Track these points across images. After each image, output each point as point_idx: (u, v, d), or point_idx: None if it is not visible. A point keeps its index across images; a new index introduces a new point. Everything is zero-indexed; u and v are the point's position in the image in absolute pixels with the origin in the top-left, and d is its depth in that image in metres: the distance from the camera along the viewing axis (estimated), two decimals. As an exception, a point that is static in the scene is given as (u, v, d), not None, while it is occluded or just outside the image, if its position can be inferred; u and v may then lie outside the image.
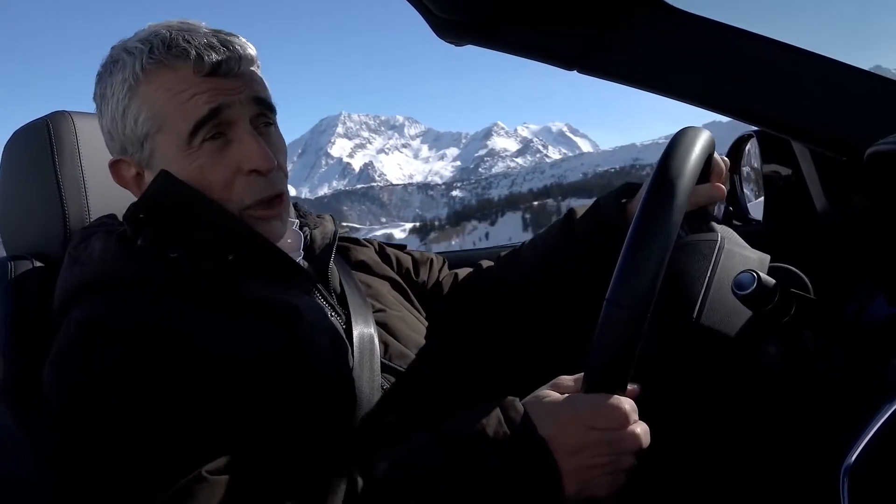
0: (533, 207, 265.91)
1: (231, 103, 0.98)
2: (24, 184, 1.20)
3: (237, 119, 0.99)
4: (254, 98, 1.01)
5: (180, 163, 0.99)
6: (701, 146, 0.92)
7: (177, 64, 0.97)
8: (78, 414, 0.84)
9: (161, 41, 0.98)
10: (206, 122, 0.97)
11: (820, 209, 1.41)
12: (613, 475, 0.83)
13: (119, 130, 1.02)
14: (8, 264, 1.11)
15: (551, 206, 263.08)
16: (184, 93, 0.97)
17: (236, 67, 0.99)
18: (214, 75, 0.98)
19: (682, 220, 0.84)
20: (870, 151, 1.04)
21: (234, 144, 0.99)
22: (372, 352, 1.06)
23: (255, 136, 1.00)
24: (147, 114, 0.99)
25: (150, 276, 0.95)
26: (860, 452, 0.66)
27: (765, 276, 0.87)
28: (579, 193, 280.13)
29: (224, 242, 0.99)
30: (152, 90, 0.98)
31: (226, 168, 0.99)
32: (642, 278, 0.79)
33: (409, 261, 1.40)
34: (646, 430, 0.84)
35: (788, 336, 0.92)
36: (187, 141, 0.98)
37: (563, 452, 0.81)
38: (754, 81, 1.18)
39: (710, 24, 1.17)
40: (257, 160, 0.99)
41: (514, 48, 1.23)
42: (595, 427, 0.82)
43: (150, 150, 1.01)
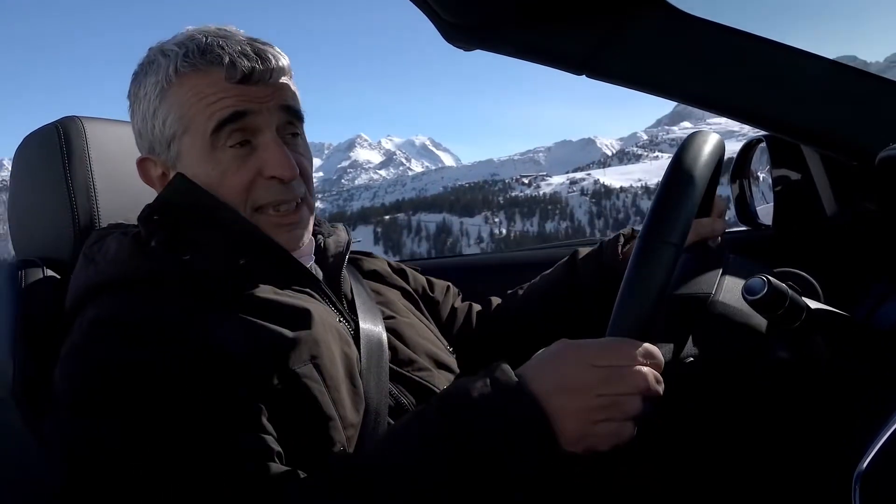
0: (385, 221, 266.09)
1: (257, 110, 1.00)
2: (35, 188, 1.20)
3: (263, 126, 1.01)
4: (281, 106, 1.03)
5: (204, 165, 1.01)
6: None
7: (209, 69, 0.99)
8: (87, 409, 0.85)
9: (196, 46, 1.00)
10: (227, 122, 0.99)
11: (830, 213, 1.41)
12: (619, 424, 0.78)
13: (148, 130, 1.04)
14: (19, 268, 1.12)
15: (402, 220, 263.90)
16: (212, 96, 0.99)
17: (267, 77, 1.01)
18: (245, 83, 0.99)
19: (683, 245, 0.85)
20: (881, 156, 1.04)
21: (259, 151, 1.01)
22: (380, 357, 1.06)
23: (280, 144, 1.02)
24: (175, 115, 1.01)
25: (163, 276, 0.96)
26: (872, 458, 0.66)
27: (775, 281, 0.86)
28: (430, 208, 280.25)
29: (236, 246, 1.00)
30: (183, 92, 1.00)
31: (247, 172, 1.01)
32: (681, 216, 0.84)
33: (423, 280, 1.43)
34: (656, 376, 0.80)
35: (799, 341, 0.91)
36: (210, 142, 0.99)
37: (557, 392, 0.77)
38: (764, 85, 1.18)
39: (718, 27, 1.17)
40: (279, 167, 1.01)
41: (522, 52, 1.23)
42: (597, 364, 0.78)
43: (177, 151, 1.03)
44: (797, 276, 1.00)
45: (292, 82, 1.07)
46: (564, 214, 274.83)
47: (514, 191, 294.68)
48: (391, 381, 1.05)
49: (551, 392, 0.78)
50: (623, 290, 0.84)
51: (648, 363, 0.80)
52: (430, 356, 1.16)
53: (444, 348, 1.23)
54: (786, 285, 0.88)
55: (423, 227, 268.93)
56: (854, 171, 1.29)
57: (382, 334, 1.10)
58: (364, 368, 1.02)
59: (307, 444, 0.90)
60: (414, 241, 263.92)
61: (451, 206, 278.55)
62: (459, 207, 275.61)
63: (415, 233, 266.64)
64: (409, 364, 1.11)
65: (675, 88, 1.22)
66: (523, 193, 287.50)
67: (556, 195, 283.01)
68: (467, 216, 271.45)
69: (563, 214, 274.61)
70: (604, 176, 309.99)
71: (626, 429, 0.78)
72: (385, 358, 1.07)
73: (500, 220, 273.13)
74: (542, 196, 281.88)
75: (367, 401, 0.99)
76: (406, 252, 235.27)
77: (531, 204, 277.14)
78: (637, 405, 0.78)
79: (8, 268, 1.13)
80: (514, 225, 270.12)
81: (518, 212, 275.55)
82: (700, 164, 0.89)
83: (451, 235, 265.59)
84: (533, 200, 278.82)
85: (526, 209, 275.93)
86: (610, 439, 0.78)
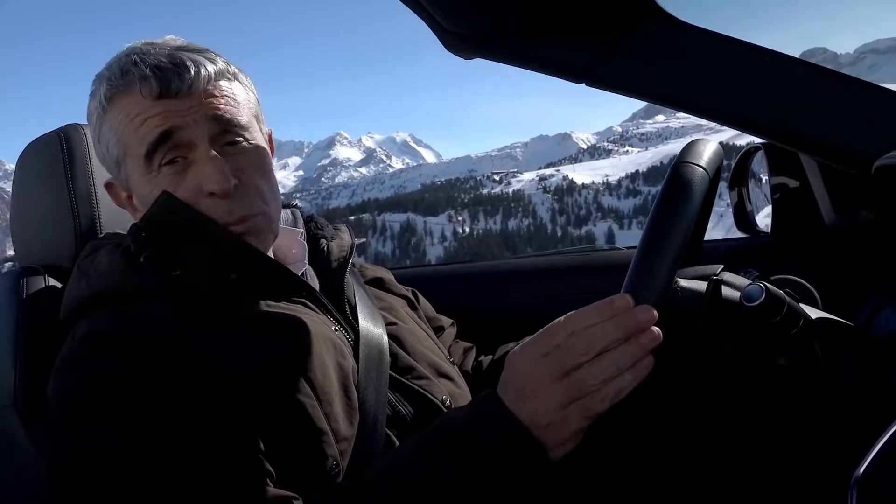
0: (349, 223, 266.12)
1: (184, 124, 0.96)
2: (37, 196, 1.21)
3: (194, 140, 0.97)
4: (210, 116, 0.97)
5: (146, 187, 0.99)
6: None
7: (129, 89, 0.96)
8: (76, 423, 0.85)
9: (119, 66, 0.98)
10: (157, 145, 0.96)
11: (828, 221, 1.41)
12: (593, 396, 0.75)
13: (102, 154, 1.05)
14: (20, 276, 1.12)
15: (367, 220, 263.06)
16: (137, 118, 0.96)
17: (187, 88, 0.96)
18: (165, 97, 0.95)
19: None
20: (878, 165, 1.04)
21: (194, 166, 0.98)
22: (380, 364, 1.05)
23: (211, 158, 0.97)
24: (114, 139, 1.00)
25: (153, 291, 0.96)
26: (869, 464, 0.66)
27: (773, 289, 0.87)
28: (395, 208, 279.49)
29: (226, 260, 0.99)
30: (115, 116, 0.99)
31: (187, 190, 0.98)
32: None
33: (427, 303, 1.41)
34: (617, 325, 0.76)
35: (797, 348, 0.92)
36: (146, 165, 0.97)
37: (520, 399, 0.78)
38: (762, 94, 1.18)
39: (717, 37, 1.18)
40: (210, 183, 0.96)
41: (522, 61, 1.23)
42: (542, 353, 0.77)
43: (126, 174, 1.02)
44: (795, 283, 1.01)
45: (234, 85, 1.03)
46: (527, 212, 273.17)
47: (485, 188, 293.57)
48: (390, 389, 1.04)
49: (514, 401, 0.79)
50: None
51: (597, 323, 0.77)
52: (431, 364, 1.14)
53: (445, 358, 1.22)
54: (784, 292, 0.88)
55: (387, 227, 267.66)
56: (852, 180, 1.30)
57: (384, 340, 1.09)
58: (362, 377, 1.01)
59: (299, 458, 0.89)
60: (379, 240, 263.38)
61: (415, 206, 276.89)
62: (423, 207, 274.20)
63: (380, 233, 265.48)
64: (408, 371, 1.09)
65: (675, 97, 1.22)
66: (494, 191, 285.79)
67: (518, 192, 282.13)
68: (431, 215, 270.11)
69: (526, 212, 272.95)
70: (573, 172, 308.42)
71: (607, 393, 0.76)
72: (385, 365, 1.06)
73: (464, 218, 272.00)
74: (503, 194, 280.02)
75: (365, 410, 0.98)
76: (371, 252, 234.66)
77: (494, 202, 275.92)
78: (601, 367, 0.75)
79: (10, 275, 1.14)
80: (477, 223, 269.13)
81: (482, 210, 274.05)
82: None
83: (415, 235, 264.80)
84: (496, 198, 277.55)
85: (489, 207, 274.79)
86: (597, 407, 0.76)
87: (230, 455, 0.83)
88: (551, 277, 1.77)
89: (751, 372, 0.96)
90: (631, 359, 0.76)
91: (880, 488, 0.65)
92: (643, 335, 0.76)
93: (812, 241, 1.49)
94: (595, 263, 1.82)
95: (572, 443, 0.79)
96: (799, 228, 1.52)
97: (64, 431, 0.87)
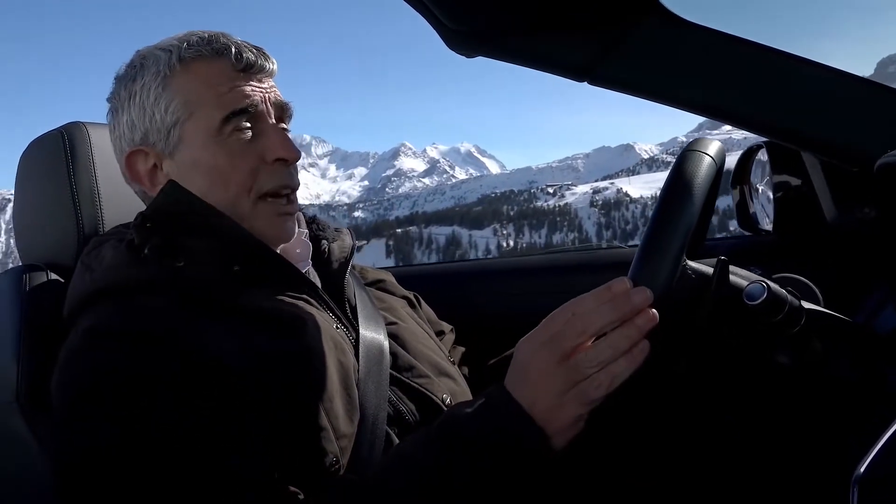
0: (396, 235, 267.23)
1: (263, 100, 1.05)
2: (40, 194, 1.21)
3: (265, 115, 1.05)
4: (278, 101, 1.08)
5: (209, 149, 1.02)
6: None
7: (215, 58, 1.03)
8: (80, 417, 0.86)
9: (199, 38, 1.04)
10: (240, 112, 1.02)
11: (830, 219, 1.41)
12: (592, 380, 0.77)
13: (146, 119, 1.04)
14: (23, 273, 1.13)
15: (414, 233, 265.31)
16: (222, 84, 1.02)
17: (269, 70, 1.07)
18: (250, 72, 1.04)
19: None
20: (880, 163, 1.04)
21: (262, 137, 1.04)
22: (380, 363, 1.06)
23: (282, 129, 1.08)
24: (180, 101, 1.02)
25: (156, 284, 0.96)
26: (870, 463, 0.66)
27: (775, 287, 0.87)
28: (441, 221, 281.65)
29: (230, 253, 1.00)
30: (189, 79, 1.02)
31: (253, 157, 1.03)
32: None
33: (428, 308, 1.42)
34: (614, 306, 0.77)
35: (799, 346, 0.92)
36: (219, 128, 1.01)
37: (522, 385, 0.80)
38: (764, 93, 1.18)
39: (718, 35, 1.18)
40: (283, 150, 1.04)
41: (525, 60, 1.24)
42: (543, 340, 0.80)
43: (178, 137, 1.03)
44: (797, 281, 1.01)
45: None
46: (573, 226, 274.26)
47: (538, 200, 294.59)
48: (390, 387, 1.05)
49: (516, 388, 0.81)
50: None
51: (595, 306, 0.78)
52: (431, 363, 1.15)
53: (446, 357, 1.23)
54: (786, 290, 0.88)
55: (433, 240, 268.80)
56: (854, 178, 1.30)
57: (384, 341, 1.10)
58: (363, 376, 1.02)
59: (299, 454, 0.89)
60: (424, 253, 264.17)
61: (461, 219, 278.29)
62: (469, 220, 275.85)
63: (426, 245, 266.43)
64: (408, 370, 1.10)
65: (676, 96, 1.22)
66: (548, 203, 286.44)
67: (565, 206, 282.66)
68: (477, 228, 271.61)
69: (572, 226, 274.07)
70: (628, 185, 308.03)
71: (604, 379, 0.77)
72: (385, 365, 1.06)
73: (509, 232, 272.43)
74: (549, 208, 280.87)
75: (365, 409, 0.98)
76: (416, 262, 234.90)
77: (540, 216, 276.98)
78: (598, 351, 0.77)
79: (13, 272, 1.14)
80: (522, 237, 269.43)
81: (527, 224, 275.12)
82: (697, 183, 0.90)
83: (459, 248, 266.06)
84: (542, 212, 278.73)
85: (535, 221, 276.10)
86: (594, 393, 0.77)
87: (232, 449, 0.84)
88: (554, 275, 1.78)
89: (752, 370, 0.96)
90: (627, 341, 0.77)
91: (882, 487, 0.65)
92: (639, 317, 0.77)
93: (814, 239, 1.49)
94: (598, 261, 1.82)
95: (572, 430, 0.80)
96: (801, 226, 1.52)
97: (67, 426, 0.87)
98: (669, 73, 1.21)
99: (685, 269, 0.89)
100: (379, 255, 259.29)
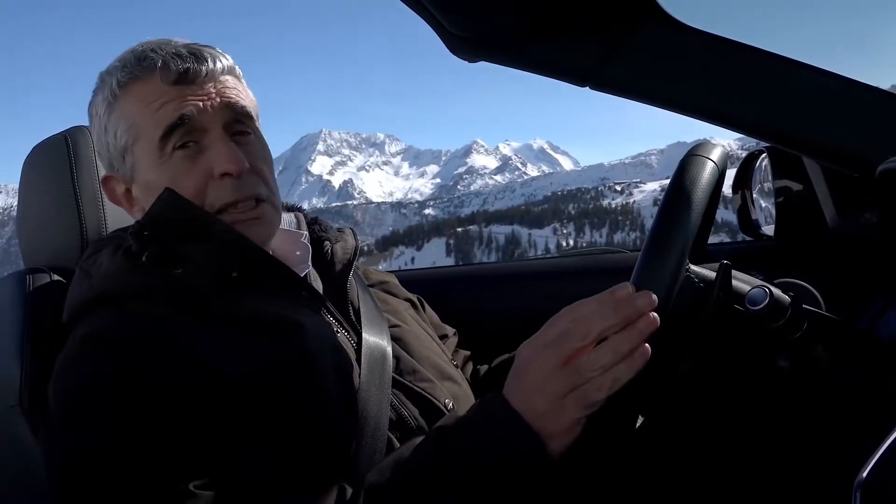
0: (457, 234, 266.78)
1: (200, 110, 1.00)
2: (44, 197, 1.22)
3: (208, 126, 1.01)
4: (225, 104, 1.02)
5: (155, 172, 1.01)
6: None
7: (146, 75, 1.00)
8: (77, 424, 0.85)
9: (133, 56, 1.02)
10: (175, 127, 0.99)
11: (831, 224, 1.41)
12: (590, 386, 0.76)
13: (104, 147, 1.06)
14: (26, 277, 1.13)
15: (474, 231, 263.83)
16: (155, 102, 0.99)
17: (204, 75, 1.01)
18: (182, 83, 1.00)
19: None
20: (881, 168, 1.04)
21: (206, 151, 1.01)
22: (383, 367, 1.05)
23: (226, 141, 1.01)
24: (124, 126, 1.02)
25: (154, 292, 0.96)
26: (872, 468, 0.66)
27: (777, 292, 0.87)
28: (501, 220, 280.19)
29: (228, 258, 0.99)
30: (128, 103, 1.01)
31: (198, 174, 1.00)
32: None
33: (432, 311, 1.42)
34: (614, 310, 0.77)
35: (800, 351, 0.92)
36: (160, 148, 1.00)
37: (521, 390, 0.80)
38: (765, 98, 1.18)
39: (719, 40, 1.18)
40: (226, 163, 1.00)
41: (527, 65, 1.24)
42: (545, 343, 0.79)
43: (131, 162, 1.03)
44: (799, 286, 1.01)
45: (241, 83, 1.08)
46: (635, 225, 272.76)
47: (605, 198, 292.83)
48: (393, 391, 1.04)
49: (514, 391, 0.81)
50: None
51: (597, 310, 0.78)
52: (434, 367, 1.14)
53: (449, 361, 1.22)
54: (787, 296, 0.88)
55: (493, 239, 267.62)
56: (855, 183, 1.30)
57: (387, 345, 1.09)
58: (365, 379, 1.01)
59: (296, 460, 0.89)
60: (484, 252, 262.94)
61: (521, 218, 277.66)
62: (530, 219, 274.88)
63: (485, 245, 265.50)
64: (411, 374, 1.09)
65: (678, 101, 1.23)
66: (615, 201, 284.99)
67: (627, 206, 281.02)
68: (537, 227, 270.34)
69: (634, 225, 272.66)
70: None
71: (604, 382, 0.77)
72: (388, 369, 1.05)
73: (569, 231, 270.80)
74: (612, 206, 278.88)
75: (366, 413, 0.97)
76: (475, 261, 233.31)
77: (602, 214, 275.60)
78: (600, 355, 0.77)
79: (16, 276, 1.14)
80: (582, 236, 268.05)
81: (588, 223, 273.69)
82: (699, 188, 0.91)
83: (518, 247, 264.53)
84: (603, 211, 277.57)
85: (596, 219, 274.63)
86: (594, 396, 0.77)
87: (229, 456, 0.84)
88: (557, 279, 1.78)
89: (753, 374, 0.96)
90: (629, 345, 0.77)
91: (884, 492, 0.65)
92: (640, 321, 0.77)
93: (815, 244, 1.49)
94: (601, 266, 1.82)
95: (571, 434, 0.80)
96: (802, 232, 1.52)
97: (63, 433, 0.87)
98: (671, 78, 1.21)
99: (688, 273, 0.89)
100: (440, 253, 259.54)
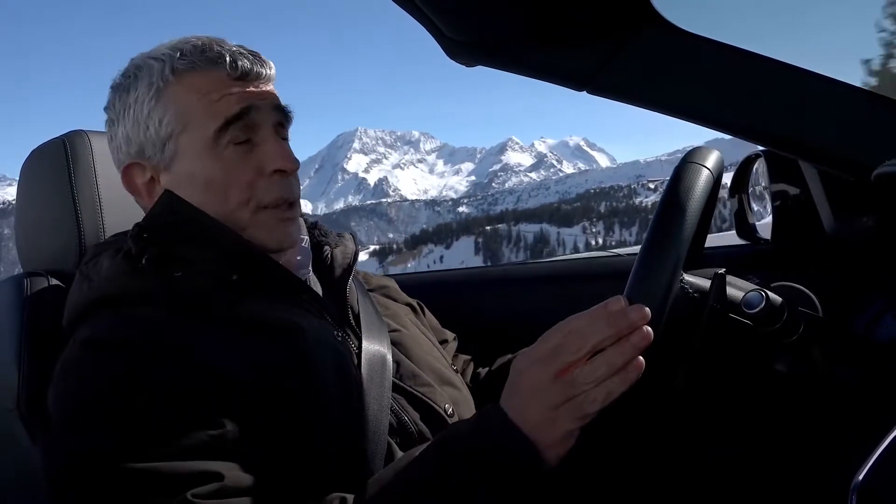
0: (486, 232, 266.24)
1: (259, 107, 1.02)
2: (42, 201, 1.21)
3: (262, 123, 1.03)
4: (276, 106, 1.05)
5: (204, 161, 1.00)
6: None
7: (209, 67, 1.00)
8: (77, 427, 0.85)
9: (193, 47, 1.01)
10: (235, 120, 1.00)
11: (828, 228, 1.42)
12: (585, 397, 0.77)
13: (140, 132, 1.02)
14: (24, 281, 1.13)
15: (503, 230, 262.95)
16: (215, 93, 1.00)
17: (264, 76, 1.04)
18: (245, 79, 1.02)
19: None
20: (877, 172, 1.05)
21: (259, 147, 1.02)
22: (383, 371, 1.05)
23: (279, 139, 1.04)
24: (173, 113, 1.00)
25: (153, 295, 0.96)
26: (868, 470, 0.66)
27: (773, 295, 0.87)
28: (531, 219, 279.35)
29: (227, 262, 0.99)
30: (182, 91, 1.00)
31: (250, 169, 1.01)
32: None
33: (432, 316, 1.42)
34: (608, 323, 0.77)
35: (797, 354, 0.92)
36: (214, 139, 0.99)
37: (516, 399, 0.80)
38: (762, 102, 1.19)
39: (717, 45, 1.18)
40: (282, 160, 1.02)
41: (525, 69, 1.24)
42: (539, 355, 0.79)
43: (173, 150, 1.01)
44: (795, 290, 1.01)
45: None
46: None
47: (638, 196, 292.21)
48: (393, 395, 1.04)
49: (509, 402, 0.81)
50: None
51: (590, 323, 0.78)
52: (434, 371, 1.15)
53: (449, 366, 1.22)
54: (784, 299, 0.89)
55: (522, 237, 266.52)
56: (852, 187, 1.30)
57: (387, 350, 1.09)
58: (365, 383, 1.01)
59: (296, 465, 0.89)
60: (512, 251, 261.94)
61: (550, 217, 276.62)
62: (559, 217, 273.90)
63: (514, 243, 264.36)
64: (411, 378, 1.09)
65: (675, 105, 1.23)
66: (648, 199, 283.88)
67: (656, 204, 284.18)
68: (566, 226, 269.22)
69: None
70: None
71: (598, 395, 0.77)
72: (388, 372, 1.05)
73: (598, 230, 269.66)
74: (642, 205, 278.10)
75: (366, 418, 0.98)
76: (504, 260, 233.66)
77: (632, 213, 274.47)
78: (594, 368, 0.76)
79: (14, 279, 1.14)
80: (612, 234, 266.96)
81: (617, 221, 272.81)
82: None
83: (547, 245, 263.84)
84: (633, 209, 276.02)
85: (626, 218, 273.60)
86: (588, 408, 0.77)
87: (230, 459, 0.84)
88: (556, 283, 1.79)
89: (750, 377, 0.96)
90: (622, 358, 0.77)
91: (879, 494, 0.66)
92: (634, 334, 0.77)
93: (812, 248, 1.49)
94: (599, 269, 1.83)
95: (564, 445, 0.80)
96: (799, 235, 1.52)
97: (63, 436, 0.87)
98: (668, 82, 1.22)
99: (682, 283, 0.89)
100: (468, 252, 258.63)
